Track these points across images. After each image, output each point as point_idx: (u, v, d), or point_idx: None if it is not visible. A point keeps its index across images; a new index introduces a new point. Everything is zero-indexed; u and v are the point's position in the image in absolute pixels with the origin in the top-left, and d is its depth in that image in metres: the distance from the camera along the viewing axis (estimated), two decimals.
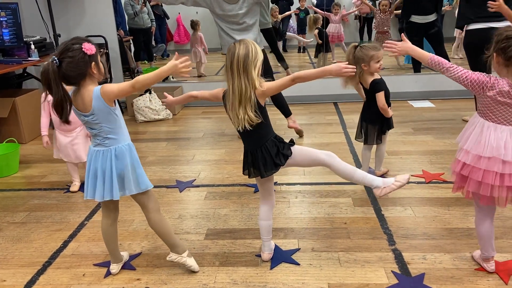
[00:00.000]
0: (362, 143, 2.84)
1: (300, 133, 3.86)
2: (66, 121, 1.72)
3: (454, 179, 1.86)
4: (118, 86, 1.74)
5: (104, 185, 1.81)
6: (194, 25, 6.46)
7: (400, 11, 5.87)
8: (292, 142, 1.93)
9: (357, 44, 2.61)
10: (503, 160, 1.66)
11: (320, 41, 6.22)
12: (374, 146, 2.88)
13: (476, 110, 1.80)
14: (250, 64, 1.74)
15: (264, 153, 1.86)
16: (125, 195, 1.85)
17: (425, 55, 1.84)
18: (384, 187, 1.96)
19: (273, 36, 5.13)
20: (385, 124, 2.78)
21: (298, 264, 2.03)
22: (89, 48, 1.70)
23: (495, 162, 1.68)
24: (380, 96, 2.62)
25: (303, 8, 7.77)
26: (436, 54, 5.77)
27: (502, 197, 1.71)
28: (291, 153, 1.89)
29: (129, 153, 1.83)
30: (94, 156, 1.81)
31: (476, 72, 1.71)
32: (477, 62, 3.67)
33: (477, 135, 1.73)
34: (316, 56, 6.49)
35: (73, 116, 1.77)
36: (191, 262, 2.01)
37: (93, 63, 1.72)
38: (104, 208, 1.95)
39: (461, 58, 6.70)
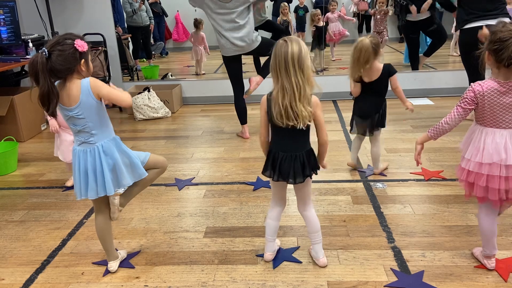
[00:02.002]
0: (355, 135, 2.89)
1: (247, 92, 3.79)
2: (52, 114, 1.71)
3: (462, 186, 1.85)
4: (110, 90, 1.75)
5: (96, 182, 1.80)
6: (197, 23, 6.44)
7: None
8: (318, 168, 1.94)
9: (371, 43, 2.58)
10: (507, 164, 1.67)
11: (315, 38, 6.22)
12: (369, 144, 2.90)
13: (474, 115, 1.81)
14: (306, 61, 1.71)
15: (300, 161, 1.84)
16: (122, 187, 1.85)
17: (425, 136, 1.93)
18: None
19: (275, 25, 5.11)
20: (379, 117, 2.78)
21: (300, 262, 2.03)
22: (81, 45, 1.69)
23: (497, 167, 1.68)
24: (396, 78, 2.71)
25: (302, 6, 7.75)
26: (437, 45, 5.60)
27: (510, 199, 1.73)
28: (316, 173, 1.92)
29: (116, 147, 1.82)
30: (82, 156, 1.80)
31: (460, 100, 1.77)
32: (472, 60, 3.68)
33: (476, 142, 1.75)
34: (311, 50, 6.43)
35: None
36: (115, 216, 1.99)
37: (83, 60, 1.71)
38: (96, 205, 1.95)
39: (459, 55, 6.69)
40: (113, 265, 2.02)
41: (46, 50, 1.64)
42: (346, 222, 2.36)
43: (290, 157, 1.84)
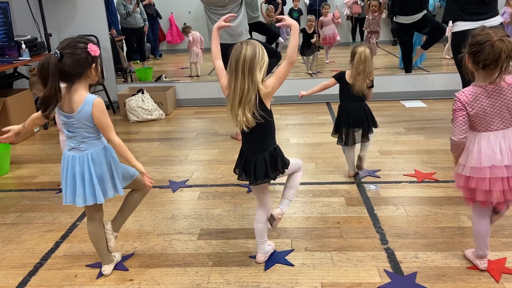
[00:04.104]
0: (345, 145, 2.85)
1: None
2: (47, 117, 1.71)
3: (462, 193, 1.86)
4: (106, 123, 1.74)
5: (84, 189, 1.79)
6: (188, 28, 6.43)
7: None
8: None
9: (370, 51, 2.65)
10: (505, 165, 1.70)
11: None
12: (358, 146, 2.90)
13: None
14: (256, 66, 1.71)
15: (261, 162, 1.85)
16: (106, 197, 1.84)
17: (454, 157, 1.89)
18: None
19: (266, 27, 5.13)
20: (371, 119, 2.80)
21: (292, 265, 2.03)
22: (94, 50, 1.69)
23: (498, 168, 1.71)
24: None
25: (296, 8, 7.78)
26: (435, 38, 5.56)
27: None
28: (287, 168, 1.93)
29: (105, 156, 1.81)
30: (71, 162, 1.79)
31: (453, 114, 1.77)
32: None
33: (471, 147, 1.77)
34: (301, 55, 6.42)
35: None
36: (112, 243, 2.03)
37: (94, 64, 1.71)
38: (87, 211, 1.94)
39: (452, 58, 6.75)
40: (107, 268, 2.01)
41: (58, 52, 1.63)
42: (340, 224, 2.37)
43: (252, 158, 1.86)
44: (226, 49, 1.86)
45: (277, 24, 1.93)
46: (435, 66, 6.29)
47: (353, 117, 2.75)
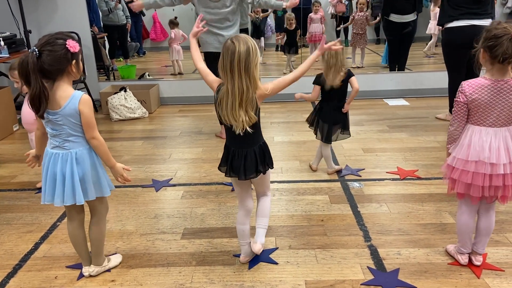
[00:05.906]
0: (327, 141, 2.89)
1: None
2: (42, 116, 1.67)
3: (447, 182, 1.89)
4: (92, 120, 1.72)
5: (64, 189, 1.75)
6: (176, 22, 6.38)
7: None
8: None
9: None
10: (491, 162, 1.72)
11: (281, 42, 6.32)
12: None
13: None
14: (252, 63, 1.67)
15: (251, 156, 1.83)
16: (86, 199, 1.80)
17: (447, 153, 1.90)
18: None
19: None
20: (347, 119, 2.86)
21: (276, 264, 2.03)
22: (73, 46, 1.65)
23: (483, 164, 1.73)
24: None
25: None
26: (401, 52, 5.78)
27: (491, 196, 1.78)
28: (272, 167, 1.93)
29: (89, 157, 1.78)
30: (53, 160, 1.75)
31: (454, 104, 1.78)
32: (454, 60, 3.74)
33: (462, 139, 1.79)
34: (284, 53, 6.45)
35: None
36: (114, 263, 2.02)
37: (74, 61, 1.68)
38: (68, 211, 1.90)
39: (433, 53, 6.82)
40: (88, 269, 1.98)
41: (36, 49, 1.60)
42: (324, 222, 2.38)
43: (241, 153, 1.84)
44: (217, 58, 1.79)
45: (325, 45, 1.92)
46: (417, 65, 6.36)
47: (333, 115, 2.82)
